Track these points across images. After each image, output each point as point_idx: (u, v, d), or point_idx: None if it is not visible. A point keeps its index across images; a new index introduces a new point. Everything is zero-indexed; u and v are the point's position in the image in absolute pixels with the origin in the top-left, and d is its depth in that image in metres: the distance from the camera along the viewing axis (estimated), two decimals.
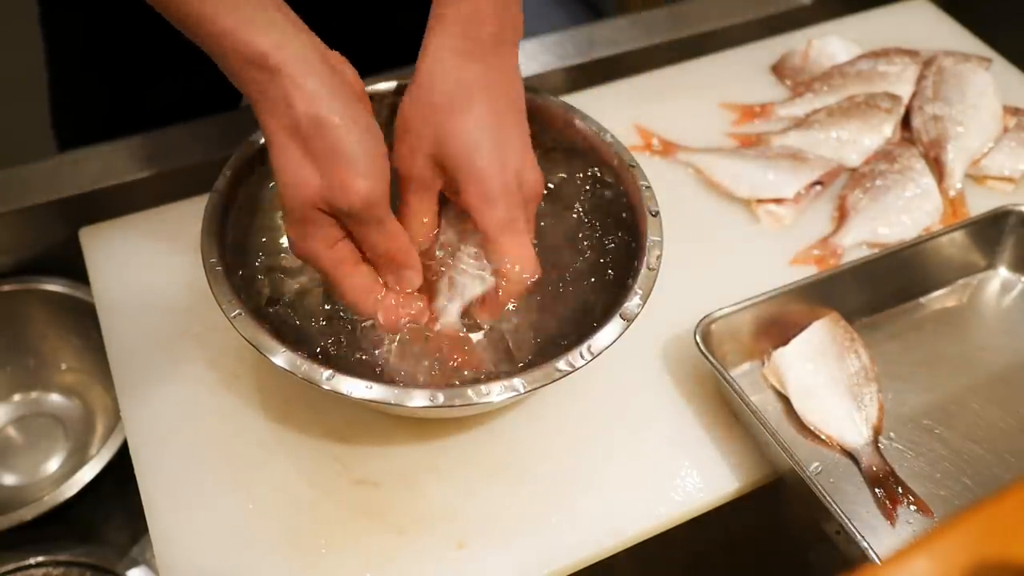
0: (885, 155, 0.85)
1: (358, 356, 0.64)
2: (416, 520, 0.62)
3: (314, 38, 0.56)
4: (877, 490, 0.64)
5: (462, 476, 0.64)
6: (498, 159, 0.59)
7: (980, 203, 0.82)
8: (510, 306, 0.65)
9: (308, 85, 0.53)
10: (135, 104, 0.92)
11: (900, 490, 0.64)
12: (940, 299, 0.76)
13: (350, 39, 1.02)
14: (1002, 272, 0.78)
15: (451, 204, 0.64)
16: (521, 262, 0.62)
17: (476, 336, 0.65)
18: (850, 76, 0.92)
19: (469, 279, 0.63)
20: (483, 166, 0.59)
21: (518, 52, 0.64)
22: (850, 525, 0.57)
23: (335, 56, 0.58)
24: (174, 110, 0.85)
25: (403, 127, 0.62)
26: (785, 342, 0.70)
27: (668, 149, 0.86)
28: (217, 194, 0.64)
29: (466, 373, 0.63)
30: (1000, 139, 0.86)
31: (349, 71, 0.59)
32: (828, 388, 0.68)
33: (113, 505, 0.81)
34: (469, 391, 0.55)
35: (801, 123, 0.89)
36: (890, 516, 0.63)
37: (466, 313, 0.64)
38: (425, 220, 0.64)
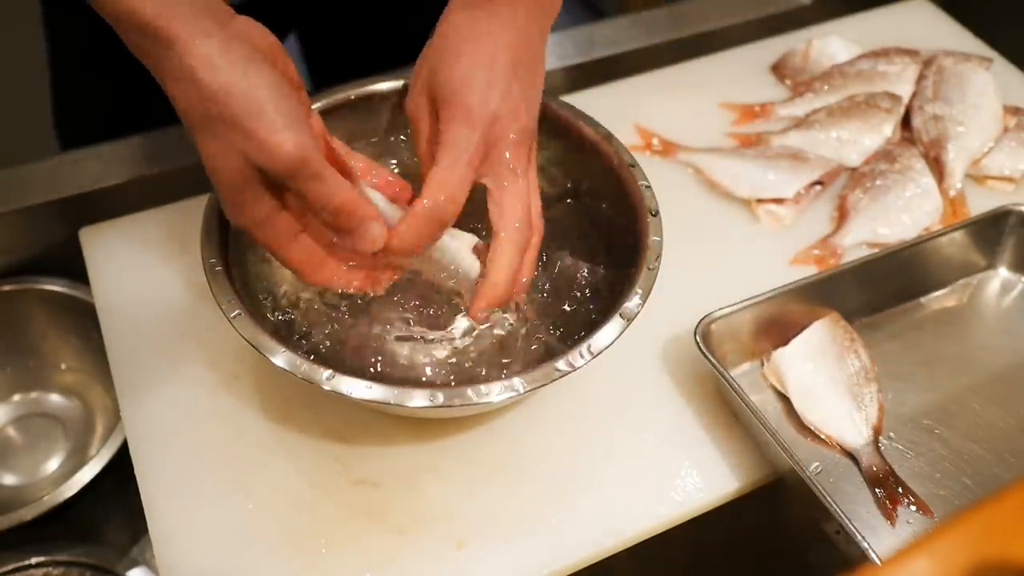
0: (885, 155, 0.85)
1: (358, 350, 0.64)
2: (416, 520, 0.62)
3: (212, 3, 0.52)
4: (877, 490, 0.64)
5: (462, 476, 0.64)
6: (476, 88, 0.57)
7: (980, 203, 0.82)
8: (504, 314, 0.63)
9: (202, 52, 0.50)
10: (138, 105, 0.92)
11: (900, 490, 0.64)
12: (940, 299, 0.76)
13: (359, 40, 1.03)
14: (1002, 272, 0.78)
15: None
16: (439, 185, 0.57)
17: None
18: (850, 76, 0.92)
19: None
20: (461, 92, 0.57)
21: (545, 27, 0.62)
22: (850, 525, 0.57)
23: (241, 20, 0.54)
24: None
25: (412, 76, 0.60)
26: (785, 342, 0.70)
27: (668, 149, 0.86)
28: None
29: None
30: (1000, 139, 0.86)
31: (257, 33, 0.55)
32: (828, 388, 0.68)
33: (113, 505, 0.81)
34: (469, 391, 0.55)
35: (801, 123, 0.89)
36: (890, 516, 0.63)
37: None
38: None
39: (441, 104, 0.58)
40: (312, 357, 0.57)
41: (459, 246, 0.60)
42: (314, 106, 0.68)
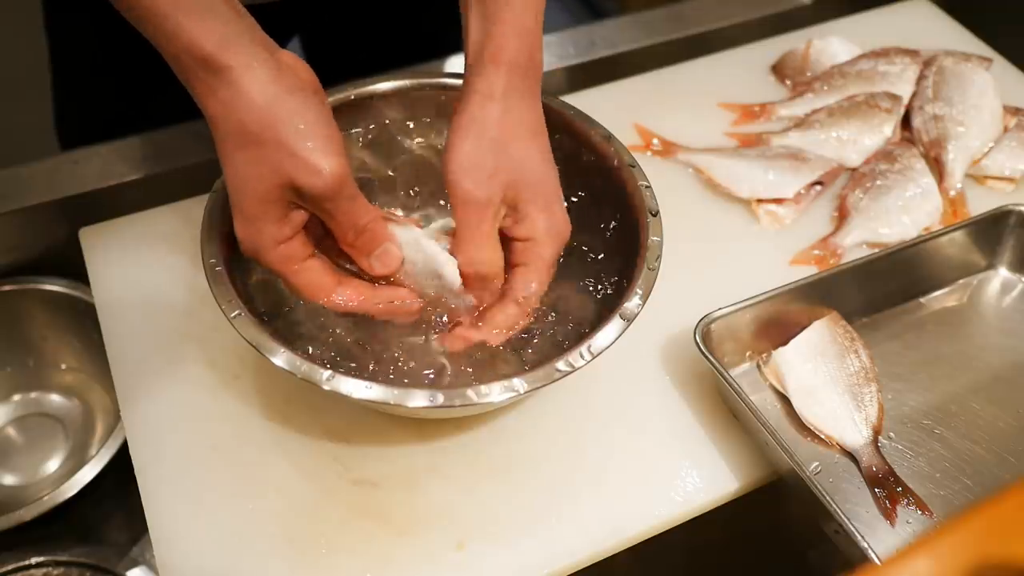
0: (885, 155, 0.85)
1: (361, 351, 0.64)
2: (416, 520, 0.62)
3: (263, 35, 0.56)
4: (877, 490, 0.64)
5: (462, 476, 0.64)
6: (558, 195, 0.61)
7: (980, 203, 0.82)
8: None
9: (257, 82, 0.53)
10: (138, 105, 0.92)
11: (900, 490, 0.64)
12: (940, 299, 0.76)
13: (361, 41, 1.03)
14: (1002, 272, 0.78)
15: None
16: (535, 299, 0.62)
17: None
18: (850, 76, 0.92)
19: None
20: (553, 199, 0.61)
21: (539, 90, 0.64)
22: (849, 525, 0.57)
23: (286, 54, 0.57)
24: (179, 113, 0.85)
25: (467, 158, 0.60)
26: (785, 342, 0.70)
27: (668, 149, 0.86)
28: (217, 194, 0.64)
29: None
30: (1000, 139, 0.86)
31: (302, 68, 0.59)
32: (828, 388, 0.68)
33: (113, 505, 0.81)
34: (469, 391, 0.55)
35: (801, 123, 0.89)
36: (890, 516, 0.63)
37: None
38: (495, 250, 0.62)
39: (532, 205, 0.60)
40: (323, 357, 0.57)
41: (443, 255, 0.61)
42: None
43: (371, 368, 0.63)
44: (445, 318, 0.63)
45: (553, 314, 0.69)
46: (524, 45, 0.60)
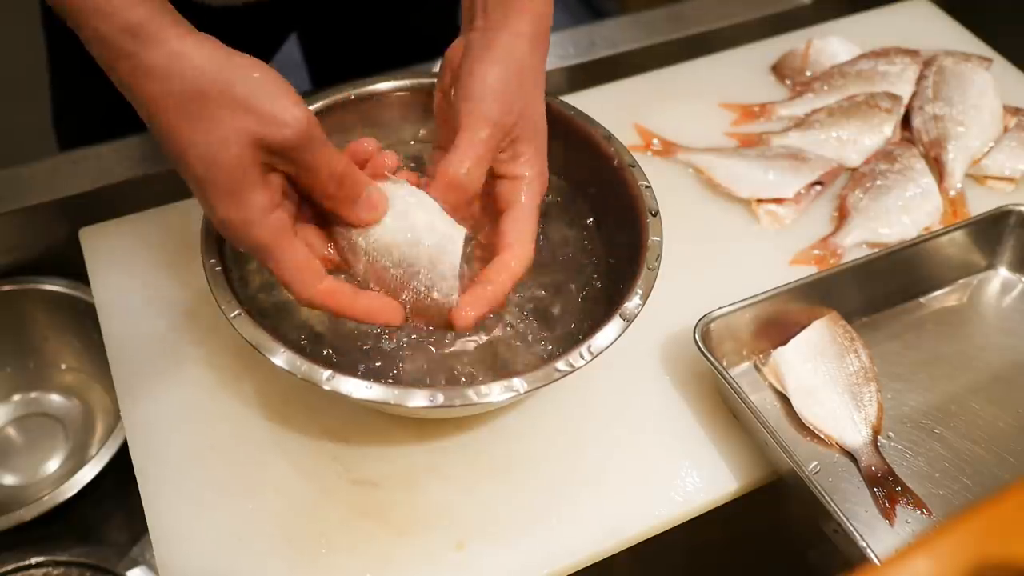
0: (885, 155, 0.85)
1: (358, 351, 0.64)
2: (416, 520, 0.62)
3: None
4: (876, 489, 0.64)
5: (462, 476, 0.64)
6: (504, 98, 0.58)
7: (980, 203, 0.82)
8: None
9: (197, 46, 0.50)
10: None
11: (899, 489, 0.64)
12: (940, 299, 0.76)
13: (359, 40, 1.03)
14: (1002, 272, 0.78)
15: None
16: (526, 243, 0.59)
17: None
18: (850, 76, 0.92)
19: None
20: (543, 141, 0.60)
21: (545, 41, 0.63)
22: (848, 524, 0.57)
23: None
24: None
25: (497, 84, 0.58)
26: (784, 342, 0.70)
27: (668, 149, 0.86)
28: None
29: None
30: (1000, 139, 0.86)
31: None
32: (827, 388, 0.68)
33: (113, 505, 0.81)
34: (469, 391, 0.55)
35: (801, 123, 0.89)
36: (889, 516, 0.63)
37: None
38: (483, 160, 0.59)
39: (465, 104, 0.58)
40: (324, 357, 0.57)
41: (454, 234, 0.58)
42: (314, 106, 0.68)
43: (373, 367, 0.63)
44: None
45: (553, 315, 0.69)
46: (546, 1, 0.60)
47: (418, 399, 0.55)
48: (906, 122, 0.89)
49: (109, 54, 0.50)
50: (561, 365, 0.57)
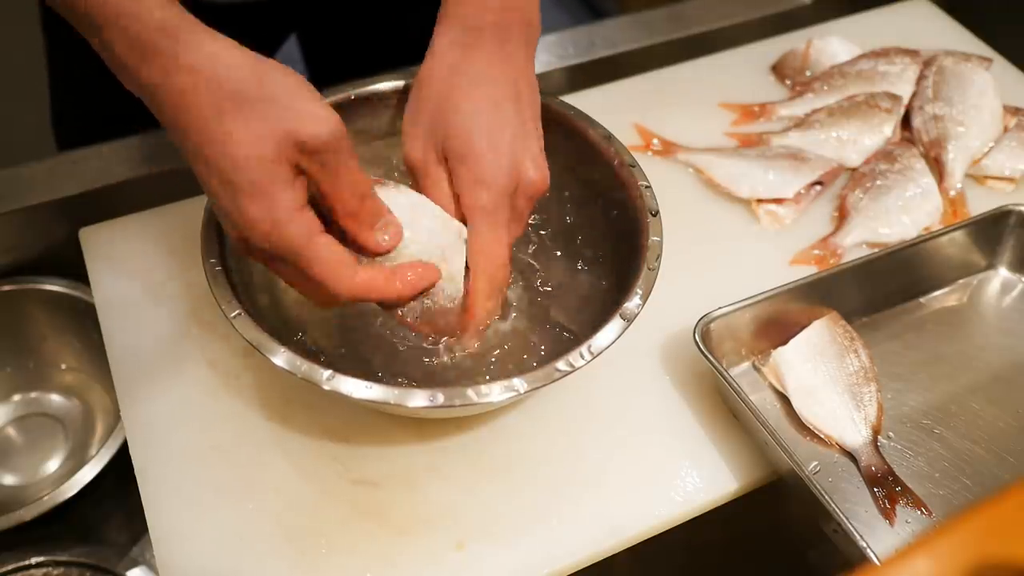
0: (885, 155, 0.85)
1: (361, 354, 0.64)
2: (416, 520, 0.62)
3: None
4: (876, 489, 0.64)
5: (462, 476, 0.64)
6: (491, 143, 0.57)
7: (980, 203, 0.82)
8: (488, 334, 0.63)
9: (230, 45, 0.50)
10: (138, 105, 0.92)
11: (899, 489, 0.64)
12: (940, 299, 0.76)
13: (359, 40, 1.03)
14: (1002, 272, 0.78)
15: None
16: (489, 256, 0.58)
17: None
18: (850, 76, 0.92)
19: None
20: (477, 148, 0.57)
21: (532, 52, 0.62)
22: (848, 524, 0.57)
23: None
24: None
25: (408, 122, 0.61)
26: (784, 342, 0.70)
27: (668, 149, 0.86)
28: None
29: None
30: (1000, 139, 0.86)
31: None
32: (827, 388, 0.68)
33: (113, 505, 0.81)
34: (469, 391, 0.55)
35: (801, 123, 0.89)
36: (889, 515, 0.63)
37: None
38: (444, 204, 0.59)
39: (453, 159, 0.58)
40: (323, 359, 0.57)
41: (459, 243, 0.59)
42: None
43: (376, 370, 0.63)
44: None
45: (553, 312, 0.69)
46: None
47: (418, 399, 0.55)
48: (906, 122, 0.89)
49: (137, 54, 0.49)
50: (561, 365, 0.57)
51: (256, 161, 0.50)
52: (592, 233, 0.71)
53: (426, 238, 0.57)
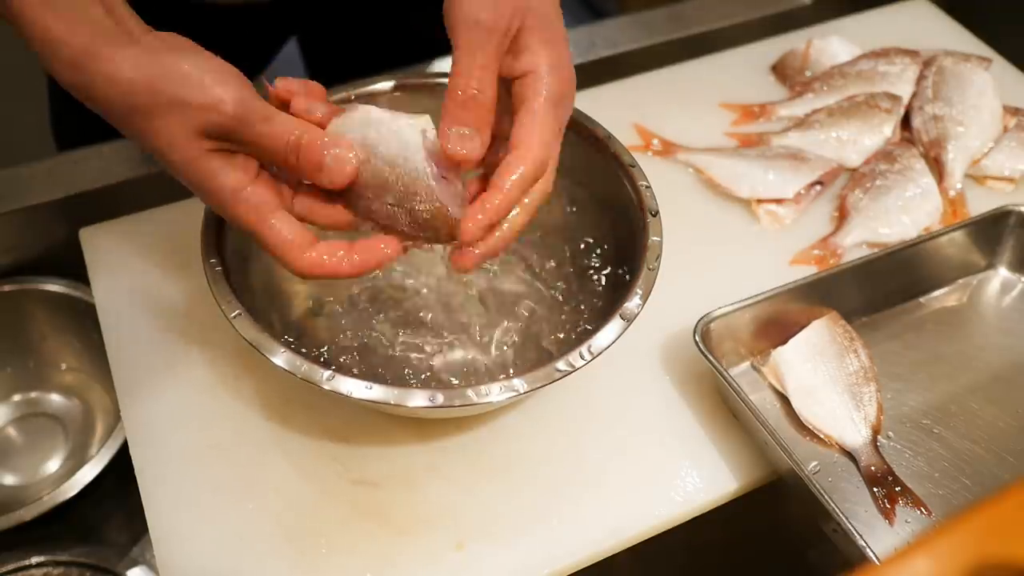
0: (885, 155, 0.85)
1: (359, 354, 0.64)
2: (416, 520, 0.62)
3: (133, 23, 0.52)
4: (876, 489, 0.64)
5: (462, 476, 0.64)
6: (565, 36, 0.56)
7: (980, 203, 0.82)
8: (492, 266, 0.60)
9: (125, 57, 0.50)
10: None
11: (899, 489, 0.64)
12: (940, 299, 0.76)
13: (359, 41, 1.03)
14: (1002, 272, 0.78)
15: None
16: (537, 146, 0.55)
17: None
18: (850, 76, 0.92)
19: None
20: (559, 34, 0.56)
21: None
22: (848, 524, 0.57)
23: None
24: None
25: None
26: (784, 341, 0.70)
27: (668, 149, 0.86)
28: None
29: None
30: (1000, 139, 0.86)
31: (179, 37, 0.54)
32: (827, 387, 0.68)
33: (113, 505, 0.81)
34: (469, 391, 0.55)
35: (801, 123, 0.89)
36: (888, 515, 0.63)
37: None
38: (489, 70, 0.55)
39: (535, 33, 0.55)
40: (323, 360, 0.57)
41: (407, 130, 0.54)
42: None
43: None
44: (444, 250, 0.57)
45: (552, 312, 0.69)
46: None
47: (418, 399, 0.55)
48: (906, 122, 0.89)
49: (65, 76, 0.51)
50: (561, 365, 0.57)
51: (183, 164, 0.51)
52: (592, 233, 0.71)
53: (384, 150, 0.54)
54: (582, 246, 0.71)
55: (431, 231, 0.55)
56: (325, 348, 0.68)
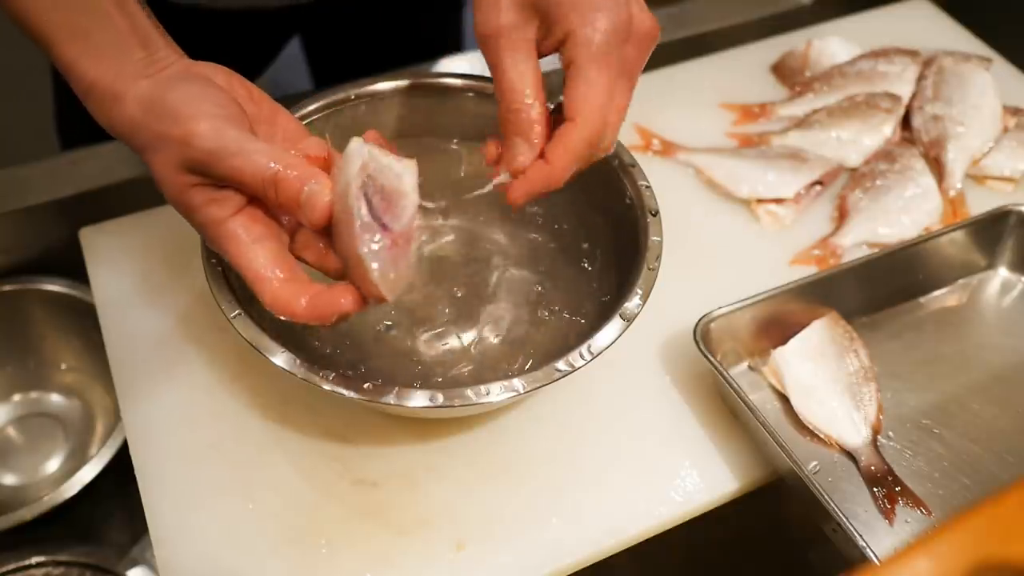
0: (885, 155, 0.85)
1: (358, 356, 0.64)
2: (416, 520, 0.62)
3: (159, 44, 0.54)
4: (875, 489, 0.64)
5: (462, 476, 0.64)
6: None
7: (980, 203, 0.82)
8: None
9: (131, 95, 0.52)
10: None
11: (898, 489, 0.64)
12: (940, 299, 0.76)
13: (361, 43, 1.03)
14: (1002, 272, 0.78)
15: None
16: (592, 106, 0.53)
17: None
18: (850, 76, 0.92)
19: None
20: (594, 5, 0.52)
21: None
22: (848, 524, 0.57)
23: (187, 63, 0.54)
24: None
25: None
26: (784, 342, 0.70)
27: (668, 149, 0.86)
28: None
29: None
30: (1000, 139, 0.86)
31: (205, 65, 0.55)
32: (827, 387, 0.68)
33: (113, 505, 0.81)
34: (469, 391, 0.55)
35: (801, 123, 0.89)
36: (888, 515, 0.63)
37: None
38: (527, 76, 0.54)
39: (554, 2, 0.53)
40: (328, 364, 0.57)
41: (401, 172, 0.51)
42: (314, 106, 0.68)
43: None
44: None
45: (549, 312, 0.69)
46: None
47: (418, 399, 0.55)
48: (906, 122, 0.89)
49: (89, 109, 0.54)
50: (561, 365, 0.57)
51: (173, 199, 0.53)
52: (592, 233, 0.71)
53: (342, 180, 0.49)
54: (583, 245, 0.71)
55: (355, 285, 0.50)
56: (319, 344, 0.67)
